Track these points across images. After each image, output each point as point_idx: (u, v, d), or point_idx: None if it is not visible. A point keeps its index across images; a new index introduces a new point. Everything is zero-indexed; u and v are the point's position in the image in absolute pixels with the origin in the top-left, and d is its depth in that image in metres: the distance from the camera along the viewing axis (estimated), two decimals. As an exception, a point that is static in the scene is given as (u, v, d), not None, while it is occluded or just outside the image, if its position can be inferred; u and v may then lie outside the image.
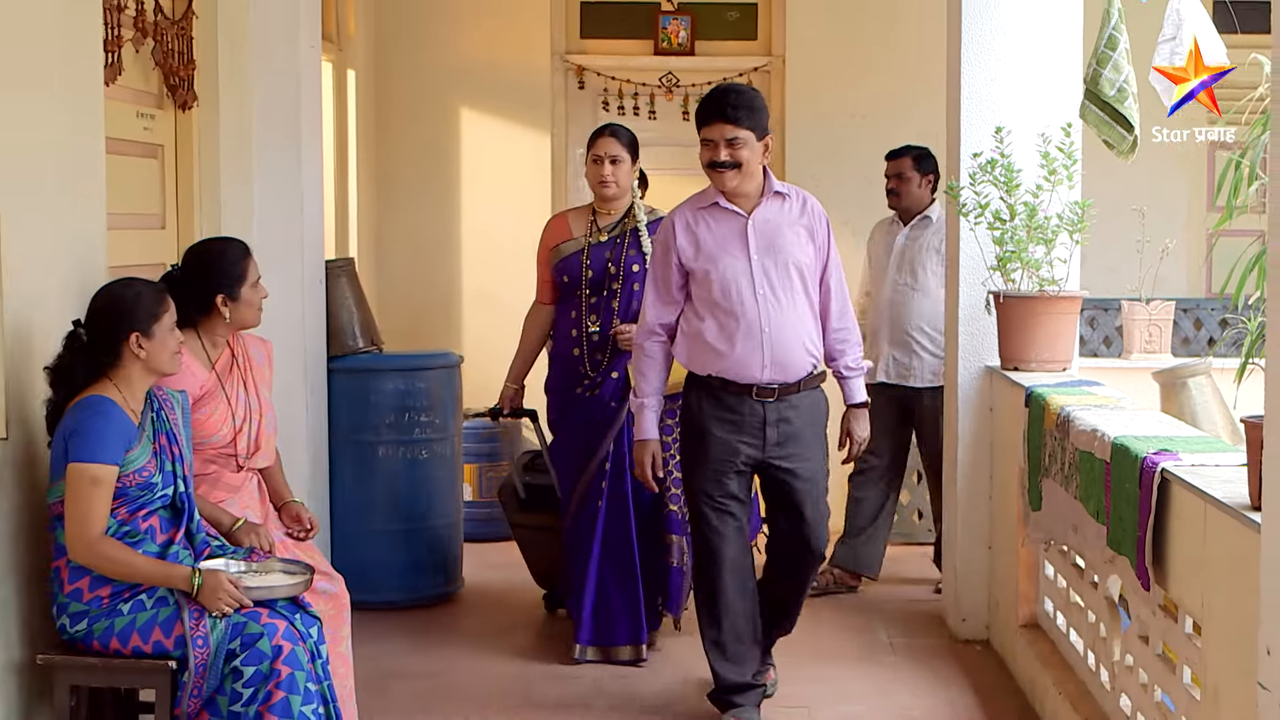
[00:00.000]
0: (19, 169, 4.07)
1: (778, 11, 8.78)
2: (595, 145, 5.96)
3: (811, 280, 5.04)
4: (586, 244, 5.96)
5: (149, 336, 4.04)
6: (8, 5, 4.00)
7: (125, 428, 3.98)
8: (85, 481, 3.89)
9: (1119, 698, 4.45)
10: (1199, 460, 3.77)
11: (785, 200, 5.07)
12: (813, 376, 5.07)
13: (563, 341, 6.02)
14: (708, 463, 5.05)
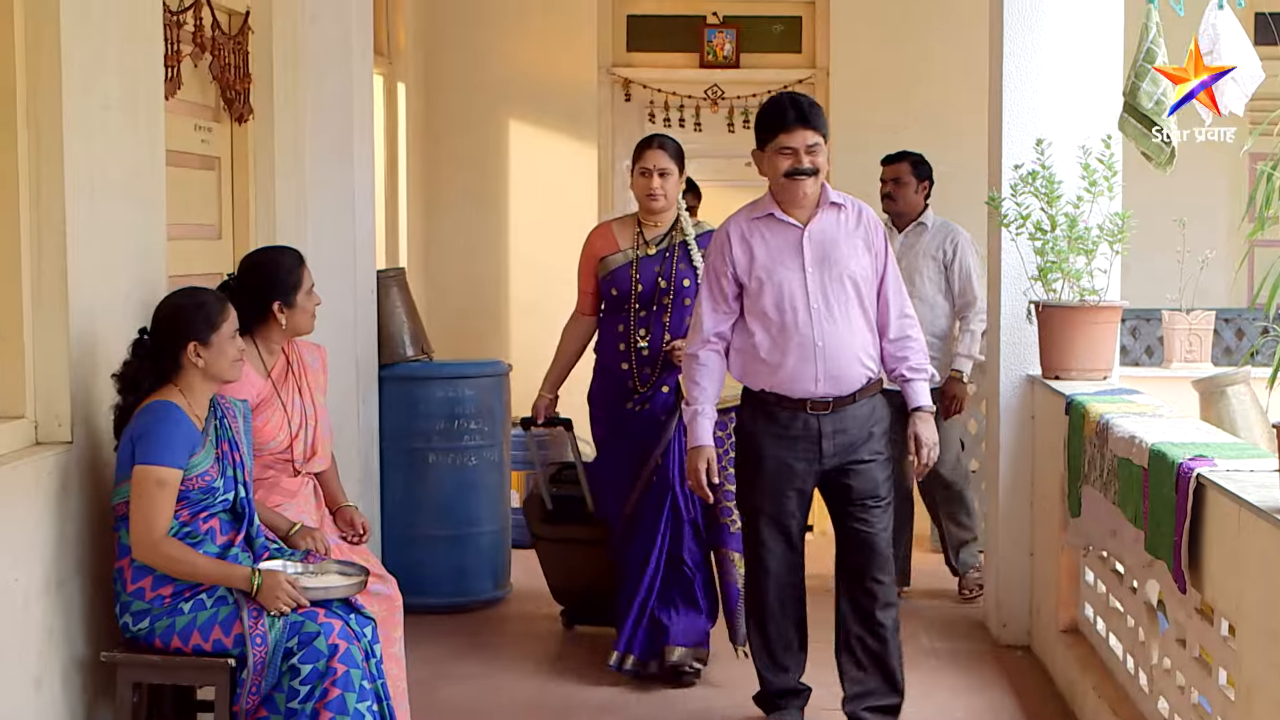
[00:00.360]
0: (84, 181, 4.21)
1: (821, 24, 8.98)
2: (642, 157, 5.84)
3: (868, 292, 4.94)
4: (635, 257, 5.85)
5: (207, 345, 4.17)
6: (73, 24, 4.14)
7: (190, 433, 4.11)
8: (151, 483, 4.02)
9: (1157, 700, 4.52)
10: (1234, 466, 3.84)
11: (841, 211, 4.98)
12: (868, 386, 4.97)
13: (609, 355, 5.91)
14: (762, 481, 4.99)
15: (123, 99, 4.46)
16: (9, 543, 3.83)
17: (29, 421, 4.14)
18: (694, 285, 5.70)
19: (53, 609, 4.05)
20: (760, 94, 8.95)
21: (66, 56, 4.12)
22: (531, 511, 6.40)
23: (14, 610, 3.85)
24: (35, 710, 3.97)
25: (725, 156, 8.50)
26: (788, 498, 4.98)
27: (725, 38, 9.08)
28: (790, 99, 4.96)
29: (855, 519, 4.99)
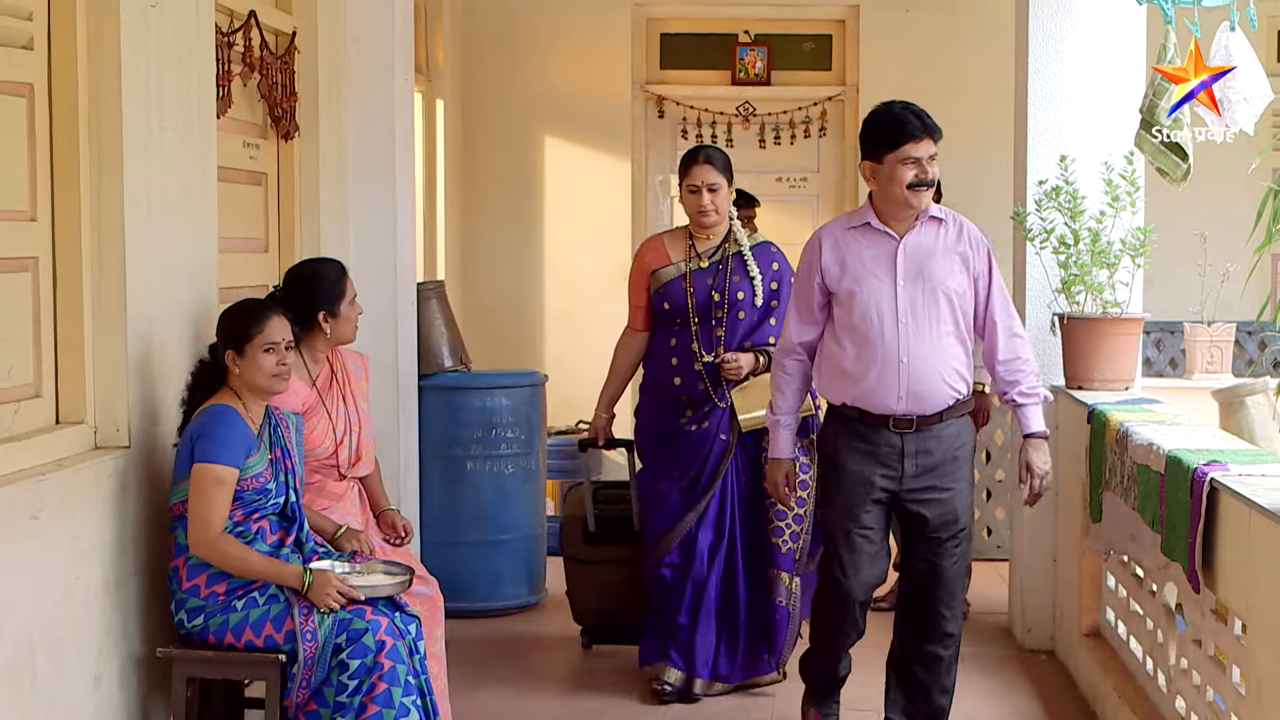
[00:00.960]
0: (142, 197, 4.40)
1: (851, 43, 9.13)
2: (691, 174, 5.71)
3: (963, 310, 4.72)
4: (688, 270, 5.76)
5: (241, 355, 4.35)
6: (133, 48, 4.34)
7: (246, 435, 4.29)
8: (209, 481, 4.21)
9: (1174, 700, 4.66)
10: (1246, 471, 3.99)
11: (941, 225, 4.78)
12: (956, 406, 4.75)
13: (660, 369, 5.83)
14: (840, 494, 4.81)
15: (178, 118, 4.64)
16: (71, 543, 4.01)
17: (89, 427, 4.32)
18: (749, 298, 5.70)
19: (111, 607, 4.23)
20: (791, 110, 9.18)
21: (127, 79, 4.31)
22: (570, 532, 6.21)
23: (75, 608, 4.03)
24: (95, 705, 4.14)
25: (756, 172, 8.63)
26: (866, 511, 4.77)
27: (756, 55, 9.24)
28: (909, 109, 4.73)
29: (926, 549, 4.80)
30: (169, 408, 4.55)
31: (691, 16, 9.33)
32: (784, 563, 5.63)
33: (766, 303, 5.73)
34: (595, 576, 6.16)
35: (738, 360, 5.63)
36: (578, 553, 6.18)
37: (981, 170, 7.26)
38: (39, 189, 4.19)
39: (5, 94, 4.02)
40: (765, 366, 5.55)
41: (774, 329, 5.65)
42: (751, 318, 5.73)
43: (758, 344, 5.70)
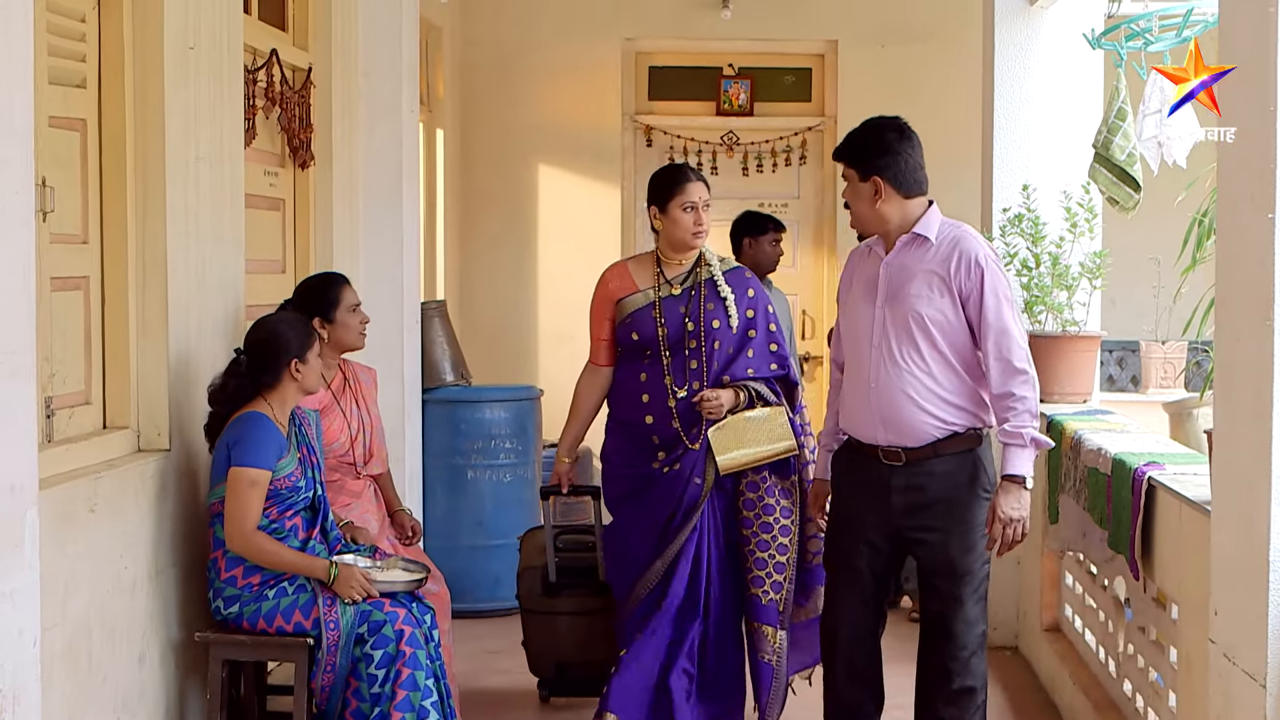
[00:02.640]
0: (180, 222, 4.81)
1: (830, 76, 9.47)
2: (685, 192, 5.25)
3: (947, 336, 4.39)
4: (657, 298, 5.27)
5: (305, 362, 4.78)
6: (175, 86, 4.75)
7: (278, 439, 4.71)
8: (245, 483, 4.62)
9: (1123, 683, 5.09)
10: (1181, 470, 4.44)
11: (926, 245, 4.47)
12: (953, 439, 4.43)
13: (629, 408, 5.31)
14: (836, 527, 4.68)
15: (212, 149, 5.05)
16: (119, 536, 4.42)
17: (133, 432, 4.71)
18: (725, 326, 5.21)
19: (154, 595, 4.63)
20: (773, 140, 9.49)
21: (169, 114, 4.72)
22: (529, 584, 5.78)
23: (123, 594, 4.44)
24: (139, 683, 4.54)
25: (739, 198, 8.91)
26: (857, 552, 4.56)
27: (740, 88, 9.55)
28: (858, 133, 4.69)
29: (929, 595, 4.54)
30: (205, 414, 4.96)
31: (678, 50, 9.65)
32: (767, 616, 5.16)
33: (743, 332, 5.25)
34: (555, 628, 5.78)
35: (718, 397, 5.12)
36: (536, 605, 5.74)
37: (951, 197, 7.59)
38: (90, 214, 4.57)
39: (61, 128, 4.39)
40: (746, 403, 5.17)
41: (752, 361, 5.23)
42: (728, 348, 5.23)
43: (737, 378, 5.21)
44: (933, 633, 4.52)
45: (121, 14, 4.63)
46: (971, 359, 4.43)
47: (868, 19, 9.25)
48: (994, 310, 4.39)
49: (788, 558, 5.15)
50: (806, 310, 9.46)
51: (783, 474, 5.19)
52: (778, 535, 5.12)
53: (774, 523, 5.15)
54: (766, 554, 5.14)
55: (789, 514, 5.18)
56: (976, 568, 4.46)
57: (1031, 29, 6.73)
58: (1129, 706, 4.98)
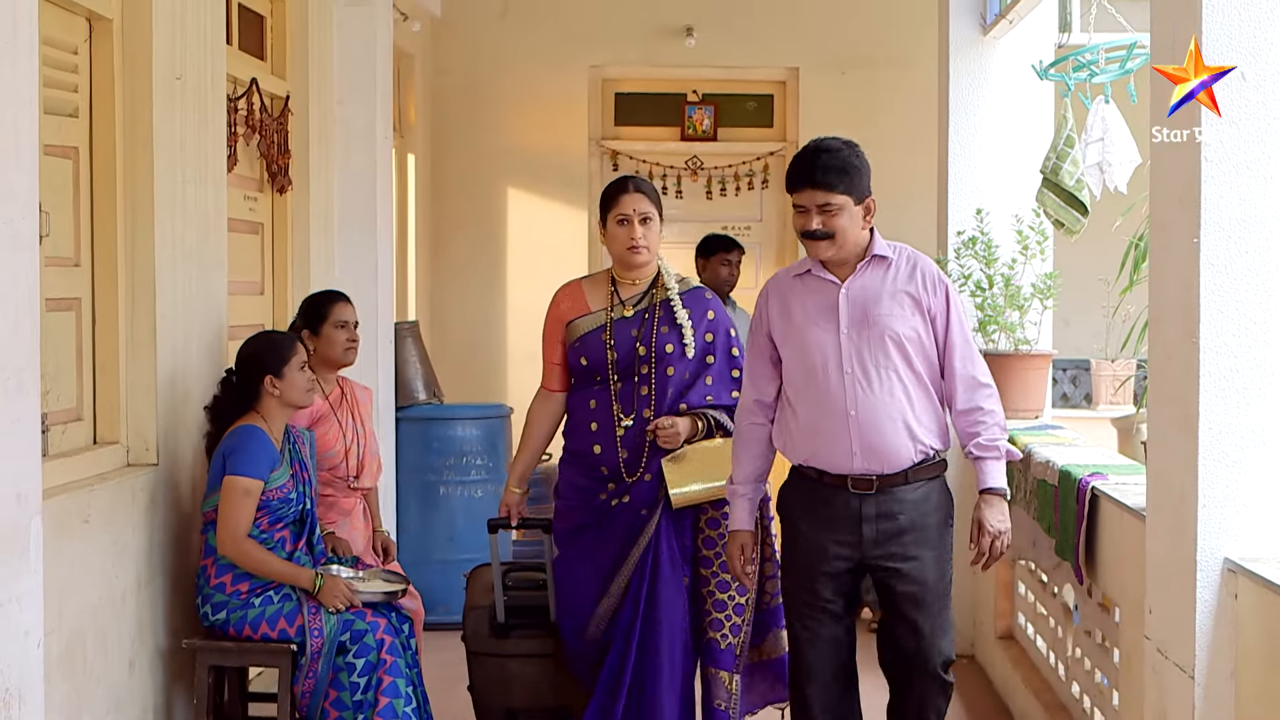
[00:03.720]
0: (168, 245, 5.00)
1: (791, 102, 9.68)
2: (620, 204, 4.98)
3: (921, 355, 4.29)
4: (608, 319, 4.98)
5: (280, 377, 4.97)
6: (162, 116, 4.95)
7: (271, 451, 4.91)
8: (238, 491, 4.82)
9: (1071, 685, 5.33)
10: (1123, 480, 4.68)
11: (888, 265, 4.35)
12: (925, 466, 4.32)
13: (579, 437, 5.03)
14: (796, 564, 4.43)
15: (197, 175, 5.25)
16: (111, 546, 4.60)
17: (122, 446, 4.90)
18: (678, 350, 4.92)
19: (143, 603, 4.82)
20: (736, 164, 9.68)
21: (157, 142, 4.93)
22: (476, 625, 5.32)
23: (115, 602, 4.62)
24: (129, 688, 4.73)
25: (704, 221, 9.12)
26: (820, 583, 4.36)
27: (704, 113, 9.73)
28: (811, 153, 4.35)
29: (898, 622, 4.38)
30: (191, 430, 5.16)
31: (644, 78, 9.82)
32: (724, 660, 4.90)
33: (701, 357, 4.97)
34: (505, 672, 5.30)
35: (674, 425, 4.86)
36: (484, 647, 5.27)
37: (906, 220, 7.80)
38: (82, 238, 4.76)
39: (55, 156, 4.58)
40: (705, 433, 4.92)
41: (711, 388, 4.97)
42: (683, 374, 4.94)
43: (694, 405, 4.95)
44: (906, 664, 4.37)
45: (112, 46, 4.83)
46: (938, 379, 4.34)
47: (828, 47, 9.47)
48: (959, 326, 4.34)
49: (747, 599, 4.90)
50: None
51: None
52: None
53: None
54: (726, 595, 4.87)
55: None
56: (948, 594, 4.39)
57: (984, 59, 6.99)
58: (1077, 708, 5.21)
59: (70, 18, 4.66)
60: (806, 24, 9.48)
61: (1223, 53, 3.36)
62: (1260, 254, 3.40)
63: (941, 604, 4.37)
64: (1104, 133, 5.42)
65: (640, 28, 9.58)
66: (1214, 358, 3.42)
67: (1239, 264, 3.40)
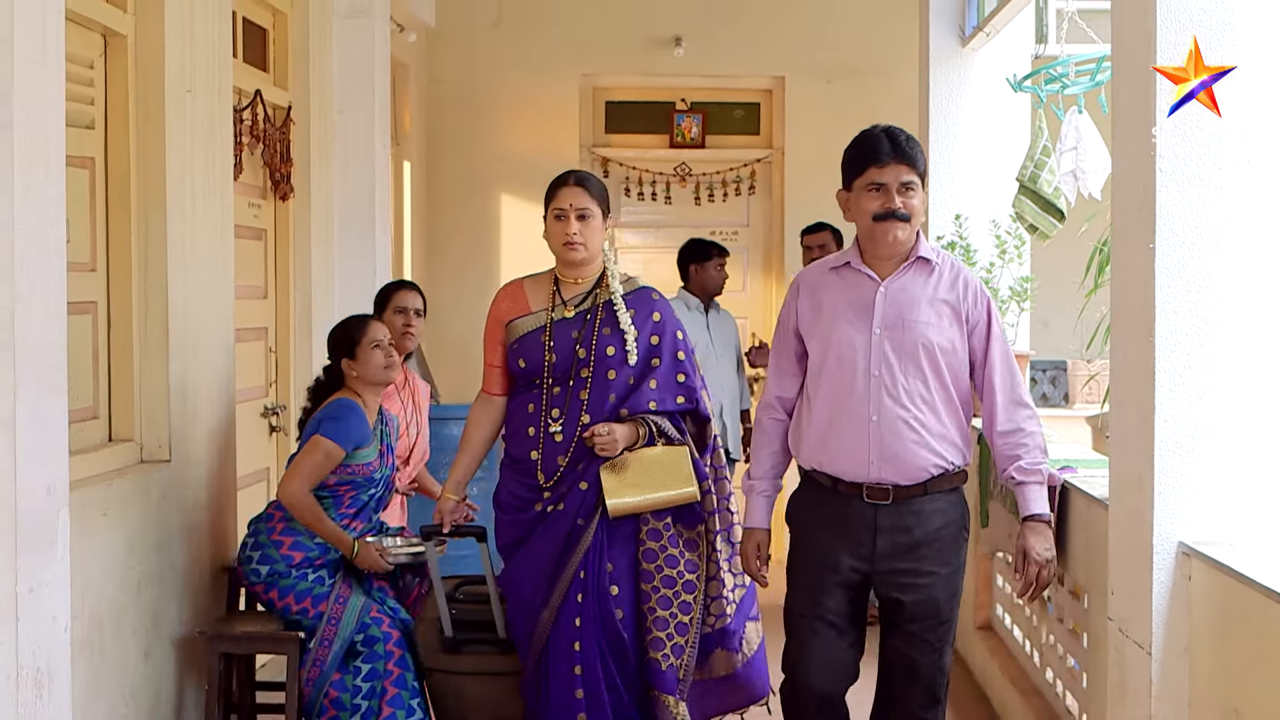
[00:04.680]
0: (179, 251, 5.22)
1: (778, 110, 9.89)
2: (557, 197, 4.77)
3: (952, 367, 4.10)
4: (549, 320, 4.73)
5: (354, 358, 5.21)
6: (175, 128, 5.17)
7: (362, 427, 5.14)
8: (321, 450, 5.06)
9: (1045, 671, 5.56)
10: (1092, 473, 4.91)
11: (931, 270, 4.16)
12: (944, 477, 4.14)
13: (517, 443, 4.77)
14: (803, 573, 4.25)
15: (205, 184, 5.46)
16: (128, 539, 4.82)
17: (136, 444, 5.12)
18: (620, 354, 4.67)
19: (157, 594, 5.04)
20: (724, 171, 9.87)
21: (169, 153, 5.15)
22: (427, 639, 5.08)
23: (131, 593, 4.84)
24: (144, 676, 4.95)
25: (692, 227, 9.26)
26: (830, 594, 4.17)
27: (692, 121, 9.92)
28: (886, 131, 4.19)
29: (901, 640, 4.19)
30: (202, 428, 5.38)
31: (634, 86, 10.01)
32: (665, 682, 4.61)
33: (645, 360, 4.70)
34: (462, 691, 5.05)
35: (611, 432, 4.57)
36: (437, 663, 5.04)
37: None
38: (97, 244, 4.99)
39: (72, 166, 4.74)
40: (646, 440, 4.64)
41: (654, 393, 4.69)
42: (624, 378, 4.67)
43: (636, 411, 4.67)
44: (900, 681, 4.22)
45: (126, 61, 5.06)
46: (967, 393, 4.17)
47: (813, 57, 9.67)
48: (1000, 341, 4.16)
49: (690, 617, 4.63)
50: (755, 333, 9.90)
51: (688, 523, 4.70)
52: (680, 592, 4.62)
53: (677, 577, 4.63)
54: (668, 612, 4.62)
55: (694, 568, 4.66)
56: (955, 613, 4.23)
57: (963, 69, 7.23)
58: (1050, 692, 5.45)
59: (87, 34, 4.88)
60: (792, 34, 9.69)
61: (1176, 71, 3.59)
62: (1211, 258, 3.64)
63: (949, 622, 4.19)
64: (1078, 141, 5.68)
65: (630, 38, 9.77)
66: (1169, 355, 3.66)
67: (1191, 268, 3.64)
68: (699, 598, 4.64)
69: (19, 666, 3.51)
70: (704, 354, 7.67)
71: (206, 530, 5.42)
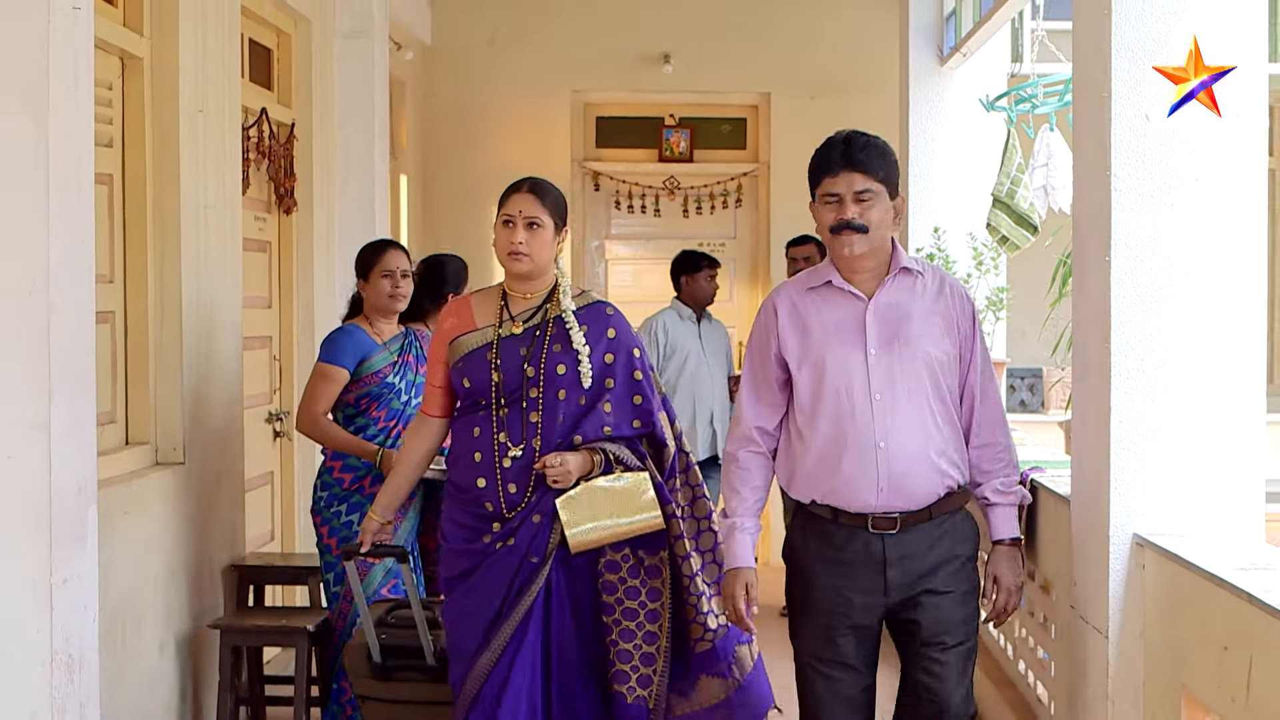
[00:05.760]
0: (192, 262, 5.48)
1: (764, 125, 10.14)
2: (507, 203, 4.44)
3: (948, 381, 3.90)
4: (496, 337, 4.38)
5: (366, 281, 5.48)
6: (186, 145, 5.43)
7: (361, 344, 5.35)
8: (318, 374, 5.35)
9: (1018, 663, 5.82)
10: (1060, 473, 5.16)
11: (917, 280, 3.93)
12: (950, 498, 3.93)
13: (462, 469, 4.39)
14: (812, 616, 3.96)
15: (216, 199, 5.73)
16: (146, 537, 5.09)
17: (151, 447, 5.38)
18: (571, 373, 4.34)
19: (171, 590, 5.30)
20: (711, 184, 10.12)
21: (183, 170, 5.41)
22: (355, 663, 4.90)
23: (148, 588, 5.11)
24: (159, 668, 5.22)
25: (681, 238, 9.55)
26: (844, 637, 3.92)
27: (681, 136, 10.17)
28: (845, 139, 3.92)
29: (921, 665, 3.94)
30: (214, 430, 5.64)
31: (624, 102, 10.26)
32: (632, 717, 4.36)
33: (598, 381, 4.37)
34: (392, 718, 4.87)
35: (564, 463, 4.26)
36: (369, 690, 4.86)
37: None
38: (115, 257, 5.25)
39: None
40: (603, 468, 4.34)
41: (609, 417, 4.38)
42: (576, 399, 4.35)
43: (590, 438, 4.35)
44: (921, 708, 3.97)
45: (143, 82, 5.32)
46: (959, 406, 3.97)
47: (798, 74, 9.92)
48: (982, 350, 3.97)
49: (657, 647, 4.37)
50: (744, 342, 10.17)
51: (650, 549, 4.41)
52: (644, 622, 4.35)
53: (639, 608, 4.37)
54: (631, 644, 4.35)
55: (657, 596, 4.39)
56: (975, 638, 4.00)
57: (941, 87, 7.51)
58: (1022, 682, 5.70)
59: (106, 57, 5.14)
60: (778, 52, 9.93)
61: (1130, 97, 3.87)
62: (1163, 270, 3.91)
63: (968, 648, 3.97)
64: (1048, 158, 5.96)
65: (620, 55, 10.00)
66: (1123, 360, 3.93)
67: (1144, 279, 3.91)
68: (664, 626, 4.38)
69: (53, 652, 3.75)
70: (696, 363, 7.96)
71: (217, 529, 5.68)
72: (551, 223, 4.41)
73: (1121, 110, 3.87)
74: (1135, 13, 3.87)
